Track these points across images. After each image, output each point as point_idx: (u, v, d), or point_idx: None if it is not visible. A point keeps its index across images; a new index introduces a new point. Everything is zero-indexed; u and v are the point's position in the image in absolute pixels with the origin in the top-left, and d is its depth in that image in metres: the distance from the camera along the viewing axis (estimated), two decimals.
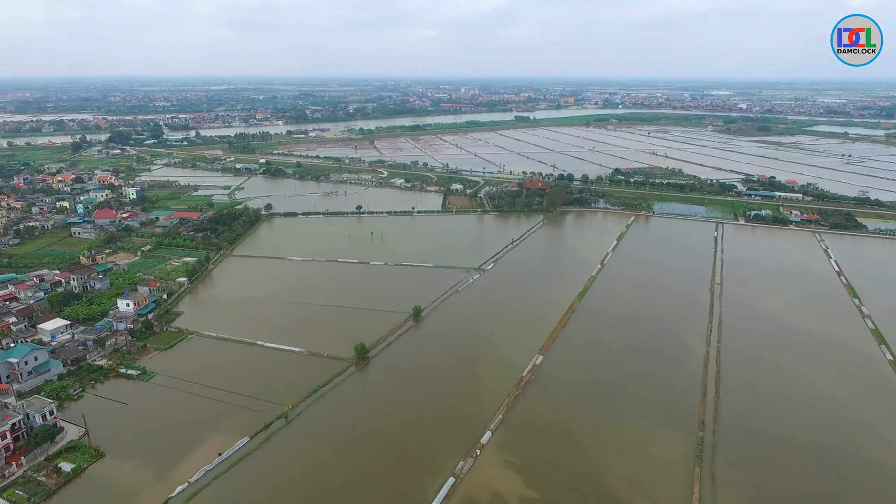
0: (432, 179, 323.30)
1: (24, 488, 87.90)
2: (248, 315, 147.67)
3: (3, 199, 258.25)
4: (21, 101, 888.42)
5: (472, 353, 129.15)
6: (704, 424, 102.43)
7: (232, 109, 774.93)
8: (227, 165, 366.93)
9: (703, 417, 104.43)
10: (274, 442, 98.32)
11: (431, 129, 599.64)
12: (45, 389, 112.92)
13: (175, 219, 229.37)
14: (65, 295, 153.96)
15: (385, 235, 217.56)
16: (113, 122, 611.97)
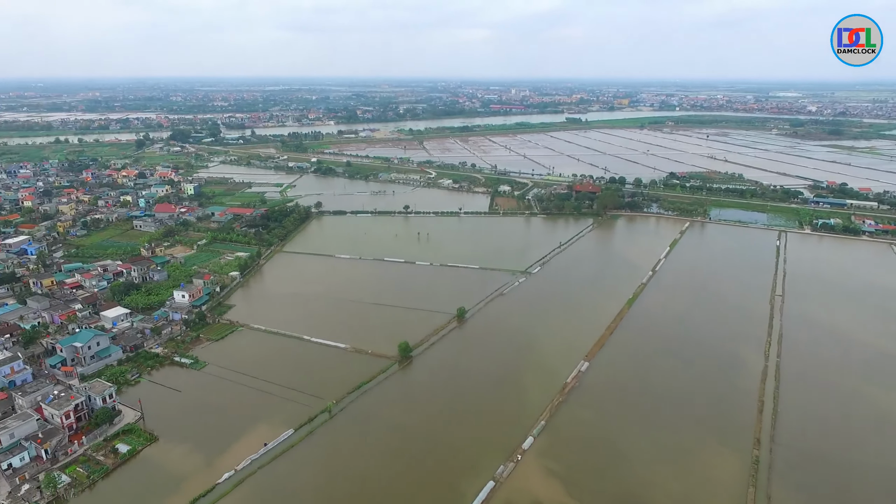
0: (480, 181, 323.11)
1: (84, 466, 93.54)
2: (296, 310, 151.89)
3: (72, 193, 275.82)
4: (91, 101, 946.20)
5: (516, 356, 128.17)
6: (760, 443, 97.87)
7: (286, 109, 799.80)
8: (280, 164, 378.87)
9: (759, 435, 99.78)
10: (317, 435, 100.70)
11: (480, 130, 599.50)
12: (105, 374, 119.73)
13: (229, 214, 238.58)
14: (126, 285, 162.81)
15: (431, 236, 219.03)
16: (174, 121, 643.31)
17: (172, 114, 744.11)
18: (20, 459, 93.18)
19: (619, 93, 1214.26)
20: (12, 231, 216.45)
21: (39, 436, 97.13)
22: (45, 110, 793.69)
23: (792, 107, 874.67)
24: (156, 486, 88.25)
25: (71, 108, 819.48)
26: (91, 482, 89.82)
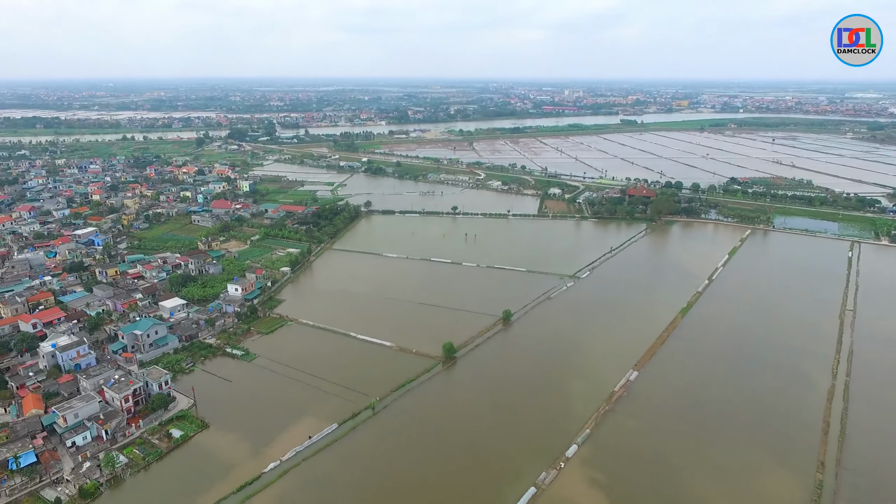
0: (530, 183, 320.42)
1: (140, 448, 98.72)
2: (344, 307, 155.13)
3: (137, 188, 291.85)
4: (156, 100, 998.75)
5: (562, 362, 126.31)
6: (825, 466, 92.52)
7: (339, 109, 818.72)
8: (332, 163, 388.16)
9: (824, 458, 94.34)
10: (360, 431, 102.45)
11: (531, 131, 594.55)
12: (162, 361, 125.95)
13: (282, 212, 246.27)
14: (183, 277, 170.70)
15: (479, 237, 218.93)
16: (232, 120, 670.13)
17: (231, 113, 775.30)
18: (83, 438, 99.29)
19: (678, 94, 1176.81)
20: (82, 223, 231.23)
21: (101, 417, 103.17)
22: (115, 109, 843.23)
23: (871, 109, 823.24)
24: (205, 471, 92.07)
25: (137, 108, 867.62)
26: (146, 464, 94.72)
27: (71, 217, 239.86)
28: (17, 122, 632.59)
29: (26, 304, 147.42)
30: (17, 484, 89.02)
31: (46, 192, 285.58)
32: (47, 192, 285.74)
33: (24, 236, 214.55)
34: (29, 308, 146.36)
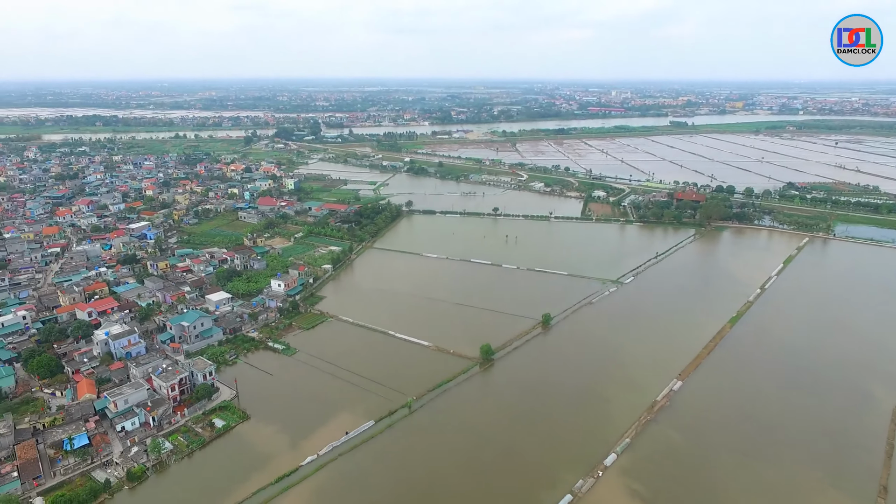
0: (573, 185, 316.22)
1: (184, 436, 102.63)
2: (383, 305, 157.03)
3: (187, 184, 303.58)
4: (207, 100, 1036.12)
5: (602, 368, 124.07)
6: (887, 491, 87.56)
7: (383, 109, 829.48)
8: (375, 162, 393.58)
9: (887, 482, 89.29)
10: (396, 429, 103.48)
11: (576, 133, 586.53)
12: (207, 352, 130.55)
13: (325, 210, 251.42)
14: (229, 271, 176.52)
15: (519, 239, 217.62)
16: (279, 120, 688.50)
17: (278, 112, 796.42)
18: (131, 423, 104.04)
19: (732, 95, 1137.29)
20: (135, 217, 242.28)
21: (149, 404, 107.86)
22: (168, 108, 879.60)
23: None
24: (245, 461, 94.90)
25: (189, 107, 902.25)
26: (190, 451, 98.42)
27: (126, 211, 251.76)
28: (79, 120, 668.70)
29: (83, 293, 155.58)
30: (70, 464, 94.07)
31: (104, 186, 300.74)
32: (104, 186, 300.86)
33: (83, 229, 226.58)
34: (85, 297, 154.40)
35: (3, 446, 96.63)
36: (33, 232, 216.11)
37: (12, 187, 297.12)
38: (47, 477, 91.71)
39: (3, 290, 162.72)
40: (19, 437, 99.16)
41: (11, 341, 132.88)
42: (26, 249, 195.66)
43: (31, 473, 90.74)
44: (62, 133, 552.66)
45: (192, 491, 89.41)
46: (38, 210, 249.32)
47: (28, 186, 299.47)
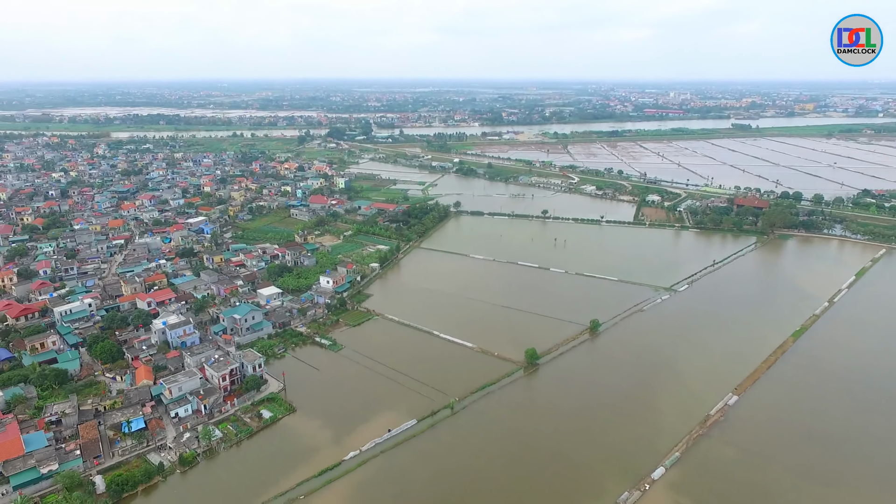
0: (626, 188, 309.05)
1: (234, 425, 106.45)
2: (428, 305, 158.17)
3: (243, 181, 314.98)
4: (264, 100, 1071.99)
5: (652, 378, 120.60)
6: None
7: (434, 110, 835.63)
8: (424, 163, 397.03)
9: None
10: (439, 429, 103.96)
11: (631, 135, 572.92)
12: (256, 345, 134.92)
13: (374, 209, 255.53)
14: (280, 267, 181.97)
15: (569, 243, 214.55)
16: (332, 120, 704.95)
17: (331, 112, 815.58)
18: (185, 410, 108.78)
19: (802, 96, 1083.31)
20: (194, 212, 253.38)
21: (201, 392, 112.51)
22: (227, 108, 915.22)
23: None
24: (290, 453, 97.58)
25: (247, 106, 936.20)
26: (238, 440, 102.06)
27: (185, 206, 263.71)
28: (144, 118, 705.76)
29: (143, 284, 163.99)
30: (128, 446, 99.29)
31: (165, 182, 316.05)
32: (166, 182, 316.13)
33: (145, 222, 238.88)
34: (145, 288, 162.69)
35: (68, 425, 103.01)
36: (100, 224, 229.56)
37: (82, 182, 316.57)
38: (106, 457, 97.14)
39: (72, 278, 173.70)
40: (82, 417, 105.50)
41: (78, 327, 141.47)
42: (93, 241, 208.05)
43: (92, 452, 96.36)
44: (129, 131, 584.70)
45: (240, 478, 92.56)
46: (104, 204, 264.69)
47: (96, 181, 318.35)
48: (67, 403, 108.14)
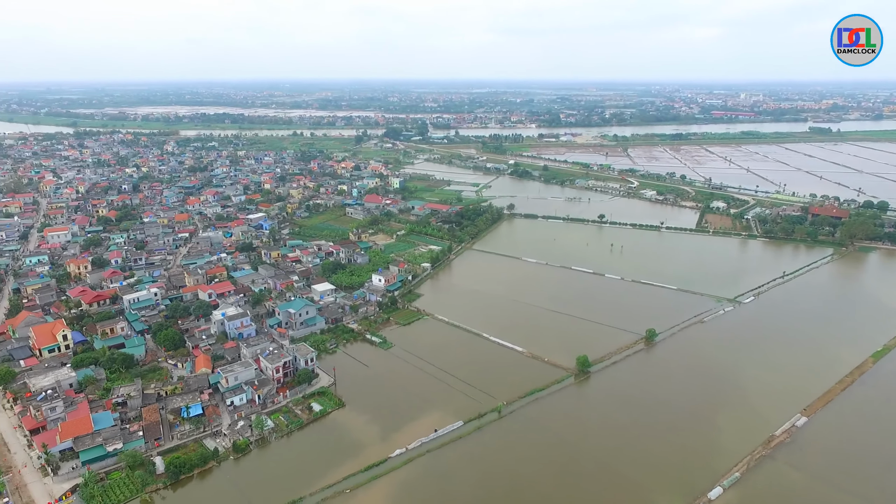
0: (689, 194, 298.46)
1: (285, 416, 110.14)
2: (478, 307, 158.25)
3: (301, 180, 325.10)
4: (323, 100, 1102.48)
5: (711, 392, 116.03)
6: None
7: (490, 111, 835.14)
8: (479, 164, 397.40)
9: None
10: (485, 432, 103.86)
11: (696, 138, 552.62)
12: (309, 339, 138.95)
13: (428, 209, 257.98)
14: (334, 264, 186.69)
15: (626, 248, 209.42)
16: (389, 120, 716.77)
17: (388, 113, 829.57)
18: (239, 399, 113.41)
19: (894, 97, 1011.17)
20: (254, 208, 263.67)
21: (255, 383, 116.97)
22: (289, 107, 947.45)
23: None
24: (338, 446, 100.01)
25: (307, 106, 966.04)
26: (289, 431, 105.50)
27: (246, 202, 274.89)
28: (211, 117, 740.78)
29: (205, 276, 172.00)
30: (186, 430, 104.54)
31: (228, 179, 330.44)
32: (229, 179, 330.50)
33: (208, 217, 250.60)
34: (207, 280, 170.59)
35: (133, 407, 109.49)
36: (167, 218, 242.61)
37: (153, 177, 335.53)
38: (166, 439, 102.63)
39: (140, 268, 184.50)
40: (146, 400, 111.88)
41: (144, 315, 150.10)
42: (161, 233, 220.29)
43: (153, 434, 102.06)
44: (196, 129, 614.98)
45: (289, 468, 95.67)
46: (172, 198, 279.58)
47: (165, 177, 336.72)
48: (133, 387, 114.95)
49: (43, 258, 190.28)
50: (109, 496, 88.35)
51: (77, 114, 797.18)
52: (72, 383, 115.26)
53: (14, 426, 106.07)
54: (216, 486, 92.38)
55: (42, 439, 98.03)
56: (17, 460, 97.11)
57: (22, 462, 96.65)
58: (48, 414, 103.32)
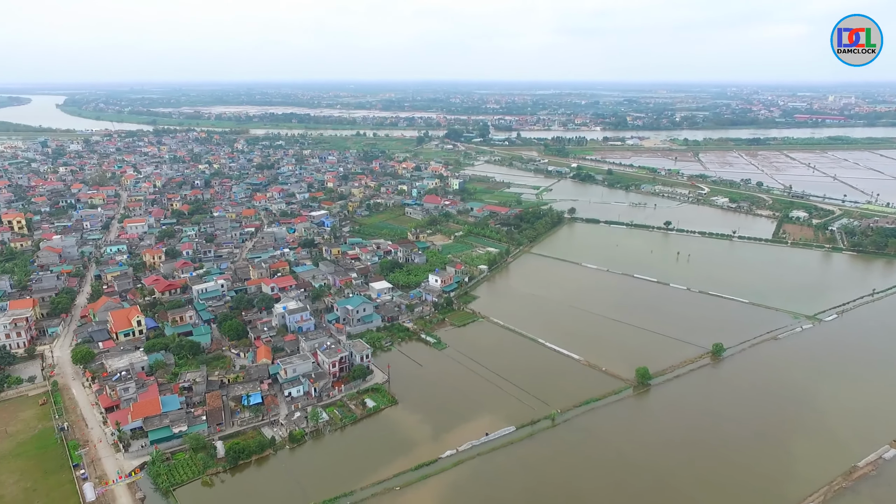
0: (765, 202, 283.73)
1: (340, 410, 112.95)
2: (535, 312, 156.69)
3: (362, 179, 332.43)
4: (386, 101, 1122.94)
5: (786, 415, 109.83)
6: None
7: (553, 113, 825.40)
8: (540, 167, 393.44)
9: None
10: (537, 440, 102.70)
11: (776, 143, 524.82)
12: (365, 336, 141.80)
13: (486, 211, 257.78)
14: (392, 263, 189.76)
15: (693, 258, 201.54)
16: (450, 121, 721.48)
17: (450, 114, 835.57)
18: (297, 391, 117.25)
19: None
20: (317, 206, 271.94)
21: (312, 376, 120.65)
22: (353, 108, 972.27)
23: None
24: (390, 443, 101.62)
25: (371, 107, 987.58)
26: (343, 425, 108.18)
27: (309, 200, 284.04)
28: (279, 117, 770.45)
29: (269, 270, 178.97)
30: (246, 417, 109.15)
31: (293, 177, 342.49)
32: (294, 177, 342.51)
33: (273, 213, 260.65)
34: (270, 273, 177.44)
35: (198, 393, 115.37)
36: (235, 213, 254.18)
37: (223, 173, 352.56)
38: (227, 425, 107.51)
39: (209, 260, 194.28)
40: (210, 387, 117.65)
41: (211, 305, 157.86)
42: (229, 227, 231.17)
43: (215, 419, 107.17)
44: (265, 128, 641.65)
45: (342, 461, 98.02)
46: (240, 194, 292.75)
47: (235, 173, 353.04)
48: (198, 373, 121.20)
49: (122, 247, 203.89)
50: (174, 475, 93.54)
51: (156, 112, 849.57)
52: (144, 366, 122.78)
53: (92, 403, 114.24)
54: (272, 474, 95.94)
55: (116, 417, 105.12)
56: (94, 435, 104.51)
57: (97, 437, 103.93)
58: (122, 394, 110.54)
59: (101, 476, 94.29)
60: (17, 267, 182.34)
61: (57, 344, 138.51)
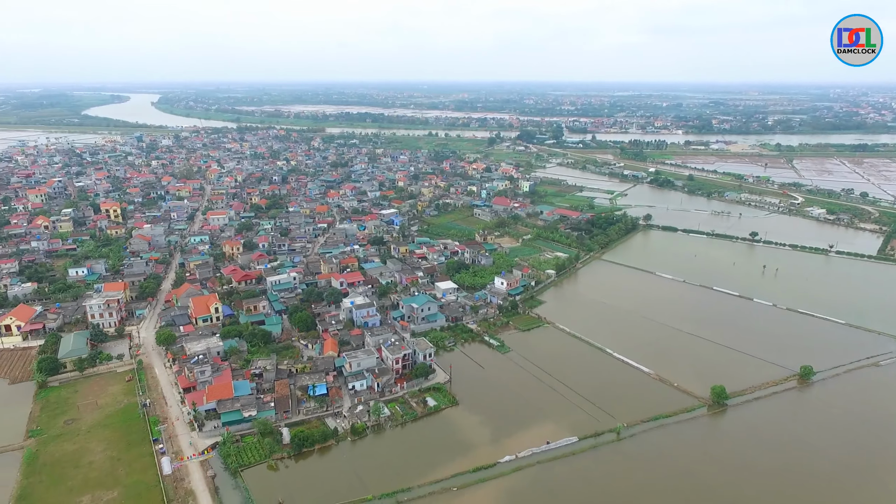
0: (871, 215, 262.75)
1: (401, 406, 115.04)
2: (603, 320, 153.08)
3: (433, 179, 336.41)
4: (459, 101, 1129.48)
5: (883, 447, 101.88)
6: None
7: (632, 116, 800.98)
8: (615, 171, 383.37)
9: None
10: (601, 452, 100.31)
11: (886, 150, 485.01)
12: (429, 335, 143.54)
13: (556, 215, 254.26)
14: (458, 263, 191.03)
15: (781, 272, 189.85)
16: (523, 122, 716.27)
17: (523, 115, 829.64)
18: (360, 384, 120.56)
19: None
20: (387, 204, 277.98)
21: (376, 371, 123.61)
22: (426, 108, 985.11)
23: None
24: (448, 443, 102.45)
25: (444, 107, 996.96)
26: (403, 421, 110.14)
27: (380, 198, 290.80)
28: (354, 116, 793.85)
29: (338, 265, 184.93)
30: (311, 407, 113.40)
31: (366, 175, 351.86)
32: (366, 175, 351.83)
33: (345, 210, 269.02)
34: (339, 269, 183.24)
35: (267, 380, 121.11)
36: (309, 208, 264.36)
37: (299, 170, 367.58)
38: (293, 413, 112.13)
39: (283, 253, 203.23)
40: (279, 375, 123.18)
41: (283, 296, 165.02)
42: (303, 222, 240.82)
43: (283, 407, 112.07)
44: (340, 127, 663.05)
45: (401, 457, 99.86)
46: (315, 191, 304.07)
47: (310, 170, 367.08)
48: (269, 361, 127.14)
49: (204, 238, 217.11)
50: (242, 457, 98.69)
51: (240, 110, 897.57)
52: (219, 351, 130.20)
53: (171, 383, 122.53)
54: (333, 463, 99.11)
55: (192, 398, 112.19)
56: (172, 413, 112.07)
57: (175, 415, 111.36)
58: (198, 376, 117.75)
59: (178, 452, 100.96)
60: (112, 252, 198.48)
61: (143, 325, 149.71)
